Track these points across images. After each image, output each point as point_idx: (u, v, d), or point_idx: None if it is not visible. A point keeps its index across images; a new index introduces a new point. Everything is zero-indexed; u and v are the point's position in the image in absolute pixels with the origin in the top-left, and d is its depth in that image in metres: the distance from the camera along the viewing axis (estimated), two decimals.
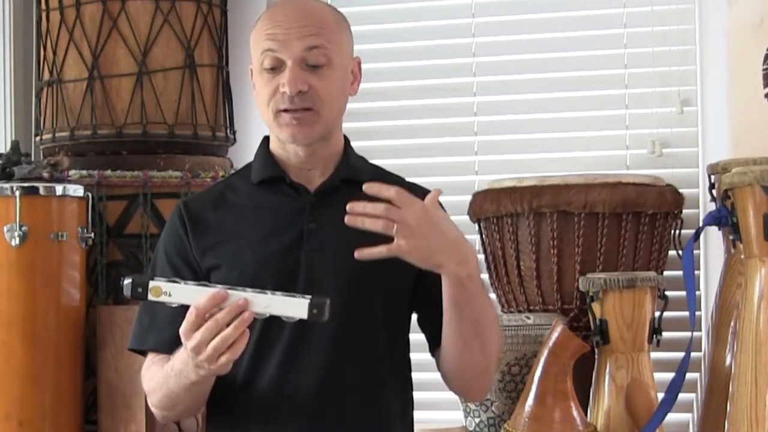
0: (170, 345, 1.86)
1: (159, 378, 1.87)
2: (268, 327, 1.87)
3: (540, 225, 2.87)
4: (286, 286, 1.87)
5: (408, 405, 2.03)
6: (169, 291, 1.70)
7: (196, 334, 1.69)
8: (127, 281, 1.71)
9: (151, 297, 1.70)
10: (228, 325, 1.68)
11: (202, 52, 3.12)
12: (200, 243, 1.94)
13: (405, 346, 2.01)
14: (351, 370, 1.90)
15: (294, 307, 1.70)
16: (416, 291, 1.93)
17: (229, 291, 1.69)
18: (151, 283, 1.70)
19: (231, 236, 1.94)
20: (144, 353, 1.97)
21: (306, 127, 1.90)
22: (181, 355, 1.77)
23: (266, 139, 2.03)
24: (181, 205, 1.99)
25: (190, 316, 1.70)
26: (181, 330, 1.71)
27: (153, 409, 1.94)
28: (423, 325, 1.99)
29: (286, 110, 1.88)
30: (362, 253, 1.73)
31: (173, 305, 1.72)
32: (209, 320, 1.68)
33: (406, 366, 2.02)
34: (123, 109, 3.02)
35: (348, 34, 1.98)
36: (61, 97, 3.07)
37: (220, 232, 1.95)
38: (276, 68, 1.89)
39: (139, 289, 1.70)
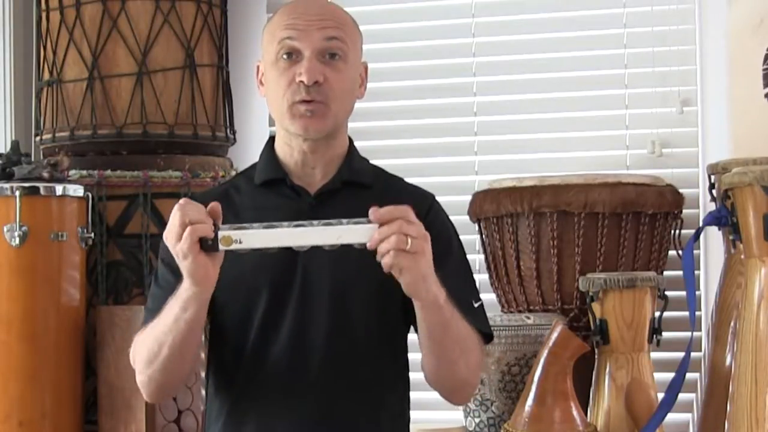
0: None
1: (147, 329, 1.88)
2: (263, 332, 1.89)
3: (540, 225, 2.87)
4: (282, 289, 1.89)
5: (406, 406, 2.03)
6: (239, 238, 1.72)
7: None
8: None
9: (222, 247, 1.71)
10: None
11: (202, 52, 3.12)
12: None
13: (402, 349, 2.01)
14: (346, 372, 1.90)
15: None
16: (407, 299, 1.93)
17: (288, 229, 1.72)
18: (221, 234, 1.71)
19: None
20: None
21: (319, 120, 1.91)
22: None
23: (271, 139, 2.04)
24: None
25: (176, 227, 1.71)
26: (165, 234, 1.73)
27: (139, 379, 1.92)
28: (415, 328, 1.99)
29: (301, 101, 1.89)
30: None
31: (245, 251, 1.72)
32: None
33: (404, 367, 2.02)
34: (123, 109, 3.02)
35: (360, 38, 2.00)
36: (61, 97, 3.07)
37: None
38: (292, 57, 1.90)
39: (209, 242, 1.71)
